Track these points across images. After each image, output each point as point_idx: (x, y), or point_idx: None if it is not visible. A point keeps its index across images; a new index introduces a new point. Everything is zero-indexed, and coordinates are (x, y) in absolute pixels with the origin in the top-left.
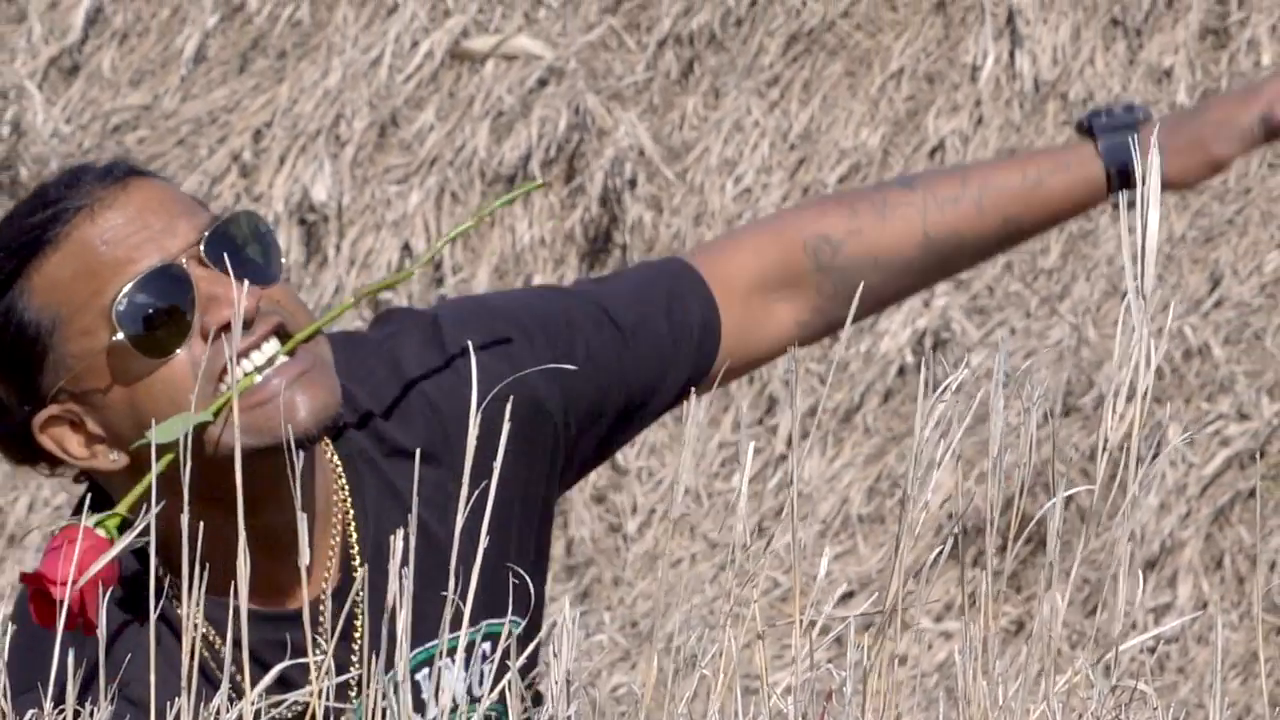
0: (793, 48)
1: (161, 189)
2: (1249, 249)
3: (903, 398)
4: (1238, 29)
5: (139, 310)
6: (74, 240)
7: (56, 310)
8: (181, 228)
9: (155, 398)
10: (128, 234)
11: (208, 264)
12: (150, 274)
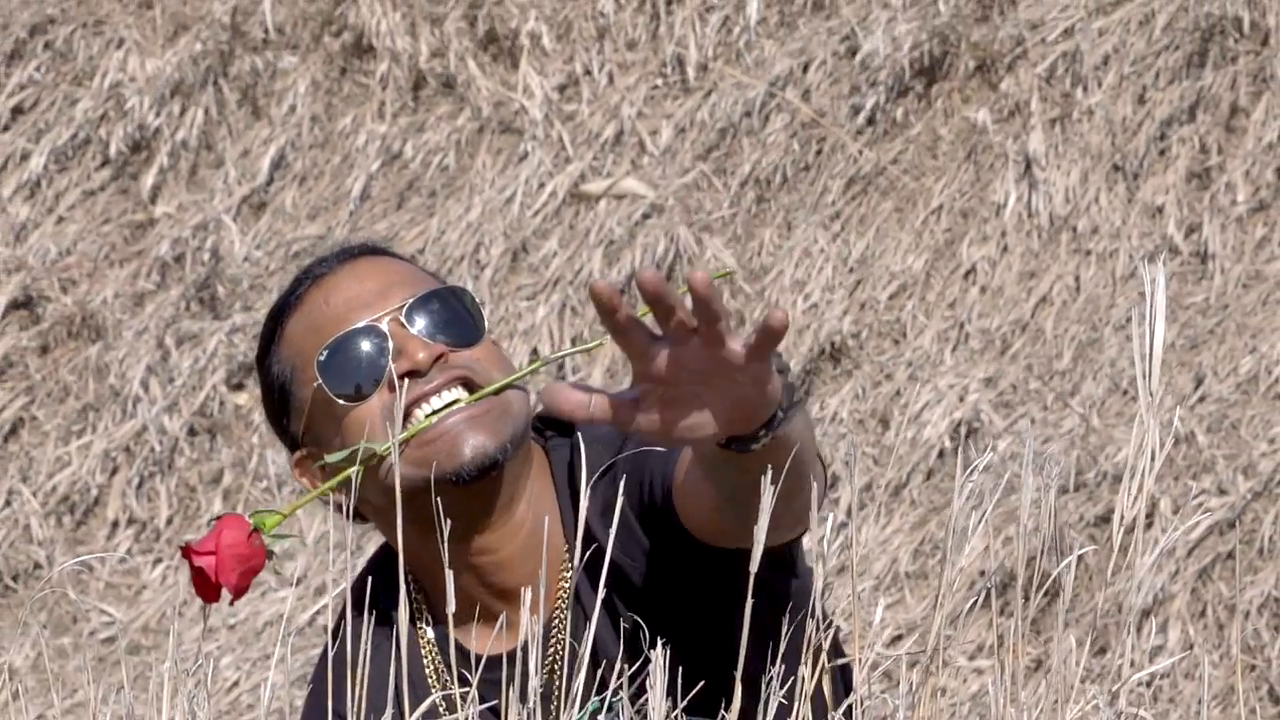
0: (851, 188)
1: (388, 264)
2: (1226, 354)
3: (942, 476)
4: (1217, 173)
5: (339, 361)
6: (307, 302)
7: (293, 362)
8: (394, 295)
9: (355, 438)
10: (347, 298)
11: (405, 325)
12: (353, 330)
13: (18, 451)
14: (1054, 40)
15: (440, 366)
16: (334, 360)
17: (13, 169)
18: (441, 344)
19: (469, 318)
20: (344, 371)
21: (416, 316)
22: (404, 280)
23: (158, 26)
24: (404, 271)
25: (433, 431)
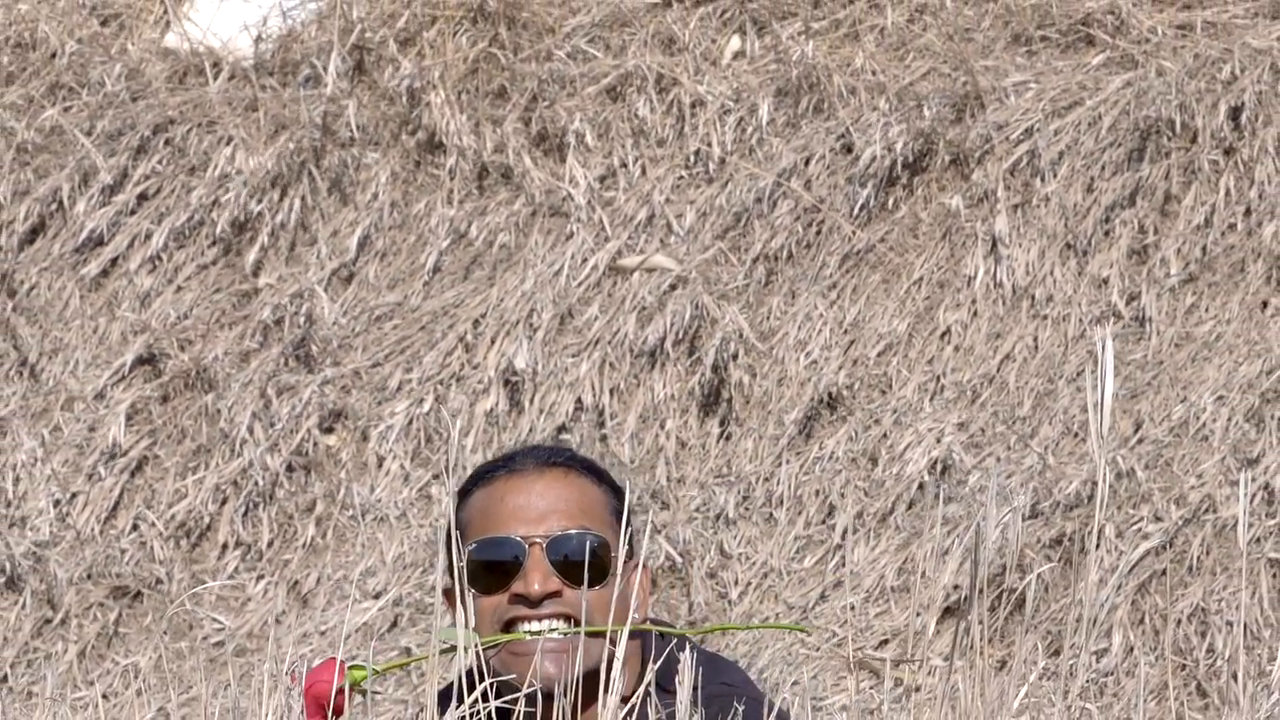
0: (845, 263)
1: (573, 483)
2: (1161, 403)
3: (921, 506)
4: (1154, 250)
5: (482, 558)
6: (494, 487)
7: (465, 526)
8: (550, 521)
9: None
10: (517, 503)
11: (543, 553)
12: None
13: (142, 484)
14: (1016, 139)
15: (553, 601)
16: (481, 553)
17: (138, 246)
18: (557, 583)
19: (594, 567)
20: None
21: (556, 549)
22: (567, 510)
23: (260, 126)
24: (575, 499)
25: (521, 646)
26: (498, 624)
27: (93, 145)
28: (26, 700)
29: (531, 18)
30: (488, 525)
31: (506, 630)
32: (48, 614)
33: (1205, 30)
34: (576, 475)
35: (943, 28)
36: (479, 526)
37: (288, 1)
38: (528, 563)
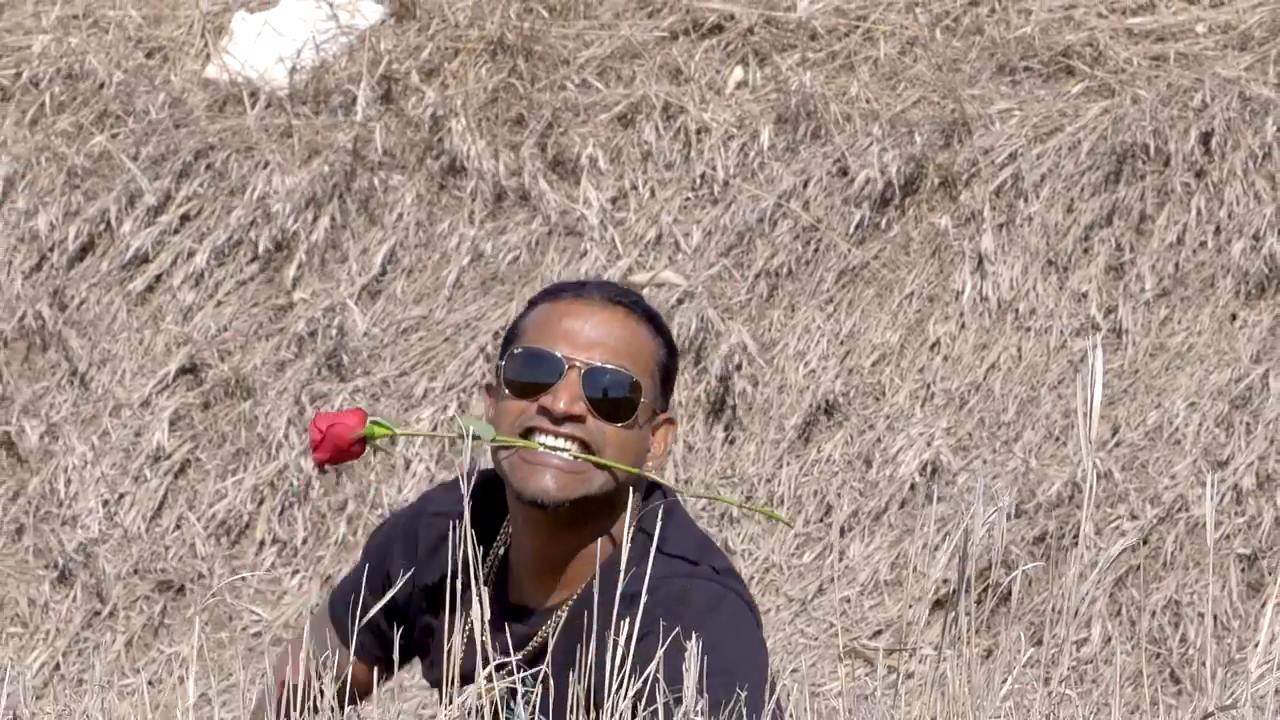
0: (841, 279)
1: (619, 323)
2: (1137, 409)
3: (913, 505)
4: (1130, 266)
5: (522, 363)
6: (557, 306)
7: (521, 332)
8: (597, 351)
9: (499, 415)
10: (573, 325)
11: (579, 377)
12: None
13: (185, 486)
14: (1001, 162)
15: (574, 424)
16: (522, 359)
17: (181, 263)
18: (582, 408)
19: (622, 405)
20: (520, 370)
21: (592, 378)
22: (614, 347)
23: (295, 152)
24: (628, 342)
25: (533, 456)
26: (517, 428)
27: (138, 169)
28: (77, 687)
29: (547, 50)
30: (539, 337)
31: (524, 437)
32: (97, 606)
33: (1178, 61)
34: (635, 319)
35: (932, 59)
36: (531, 336)
37: (320, 35)
38: (561, 382)
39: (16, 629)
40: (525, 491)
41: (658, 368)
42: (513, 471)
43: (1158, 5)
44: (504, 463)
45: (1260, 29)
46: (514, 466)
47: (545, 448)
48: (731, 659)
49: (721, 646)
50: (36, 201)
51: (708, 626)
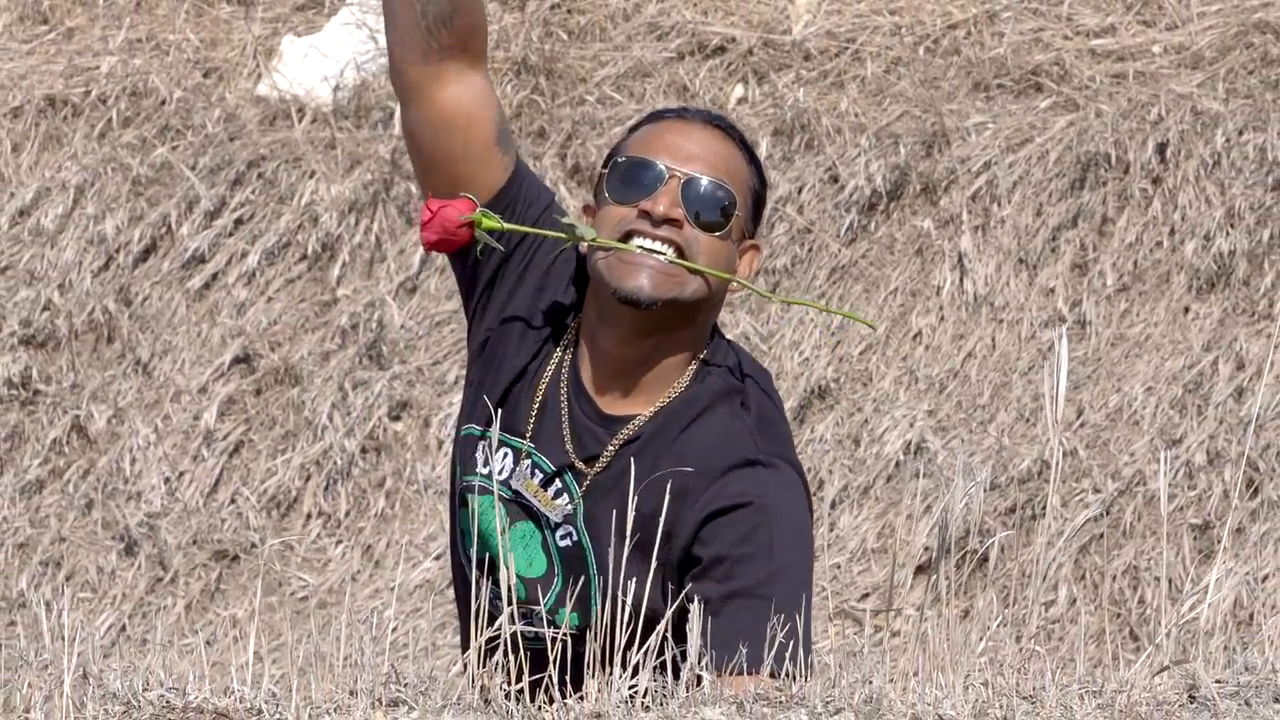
0: (833, 276)
1: (719, 143)
2: (1099, 393)
3: (898, 479)
4: (1093, 264)
5: (626, 170)
6: (661, 124)
7: (625, 147)
8: (697, 164)
9: (598, 220)
10: (676, 140)
11: (679, 184)
12: (647, 161)
13: (239, 465)
14: (977, 170)
15: (671, 228)
16: (627, 166)
17: (235, 263)
18: (681, 214)
19: (720, 216)
20: (624, 176)
21: (690, 188)
22: (712, 162)
23: (339, 162)
24: (720, 156)
25: (630, 257)
26: (618, 232)
27: (196, 178)
28: (141, 646)
29: (566, 69)
30: (643, 149)
31: (623, 240)
32: (159, 574)
33: (1136, 79)
34: (733, 143)
35: (915, 77)
36: (635, 149)
37: (361, 56)
38: (662, 188)
39: (86, 594)
40: (622, 289)
41: (749, 191)
42: (609, 271)
43: (1118, 28)
44: (600, 263)
45: (1210, 50)
46: (610, 266)
47: (643, 249)
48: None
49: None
50: (104, 208)
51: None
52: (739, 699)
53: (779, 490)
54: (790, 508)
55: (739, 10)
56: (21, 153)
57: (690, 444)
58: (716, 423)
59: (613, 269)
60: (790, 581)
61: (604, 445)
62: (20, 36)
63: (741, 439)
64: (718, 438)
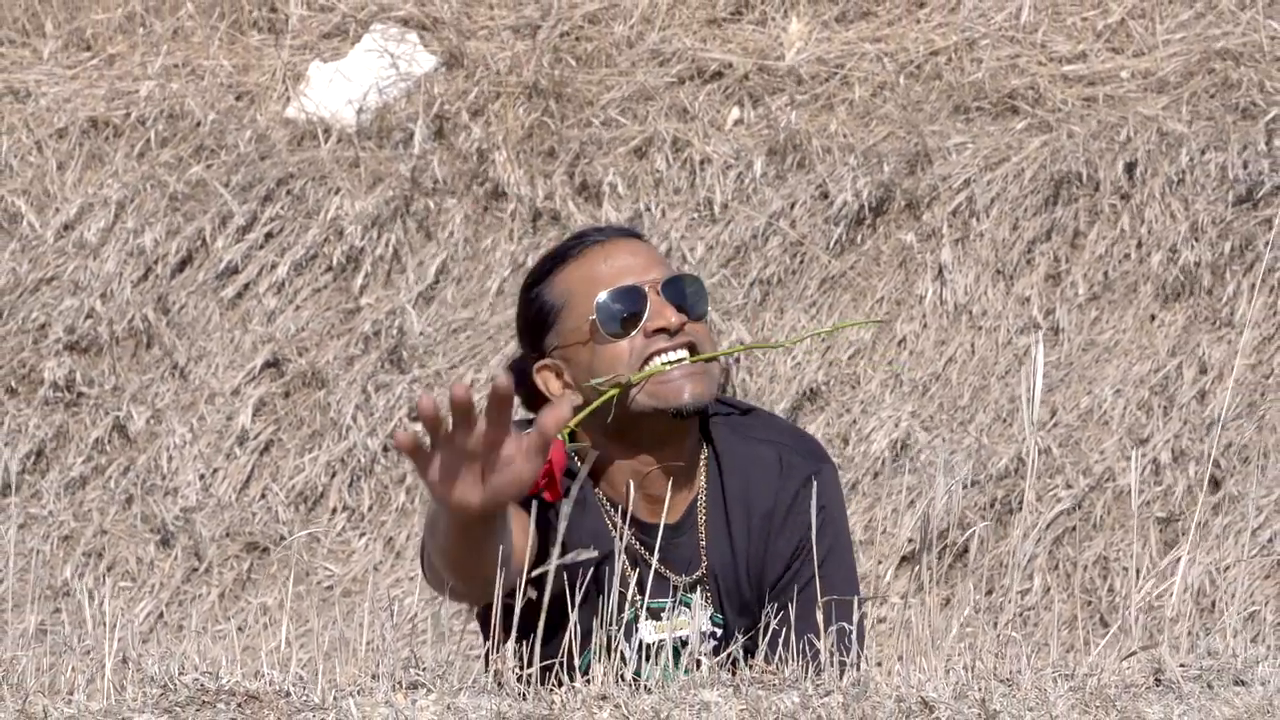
0: (823, 286)
1: (648, 247)
2: (1071, 395)
3: (884, 476)
4: (1065, 275)
5: (613, 308)
6: (589, 257)
7: (566, 298)
8: (654, 271)
9: (606, 365)
10: (621, 264)
11: (660, 295)
12: (626, 288)
13: (269, 462)
14: (958, 187)
15: (681, 334)
16: (609, 305)
17: (265, 274)
18: (683, 316)
19: (702, 301)
20: (613, 315)
21: (670, 291)
22: (660, 262)
23: (362, 179)
24: (658, 256)
25: (665, 376)
26: (637, 362)
27: (229, 195)
28: (178, 632)
29: (574, 93)
30: (600, 285)
31: (642, 368)
32: (194, 564)
33: (1106, 102)
34: (646, 241)
35: (899, 101)
36: (586, 292)
37: (383, 81)
38: (654, 303)
39: (126, 584)
40: (679, 405)
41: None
42: (656, 398)
43: (1089, 55)
44: (641, 397)
45: (1175, 75)
46: (654, 394)
47: (669, 365)
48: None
49: (845, 537)
50: (143, 222)
51: (841, 516)
52: (735, 682)
53: (832, 488)
54: (839, 501)
55: (735, 38)
56: (66, 171)
57: (751, 490)
58: (753, 462)
59: (658, 394)
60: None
61: (693, 552)
62: (65, 63)
63: (777, 458)
64: (764, 470)
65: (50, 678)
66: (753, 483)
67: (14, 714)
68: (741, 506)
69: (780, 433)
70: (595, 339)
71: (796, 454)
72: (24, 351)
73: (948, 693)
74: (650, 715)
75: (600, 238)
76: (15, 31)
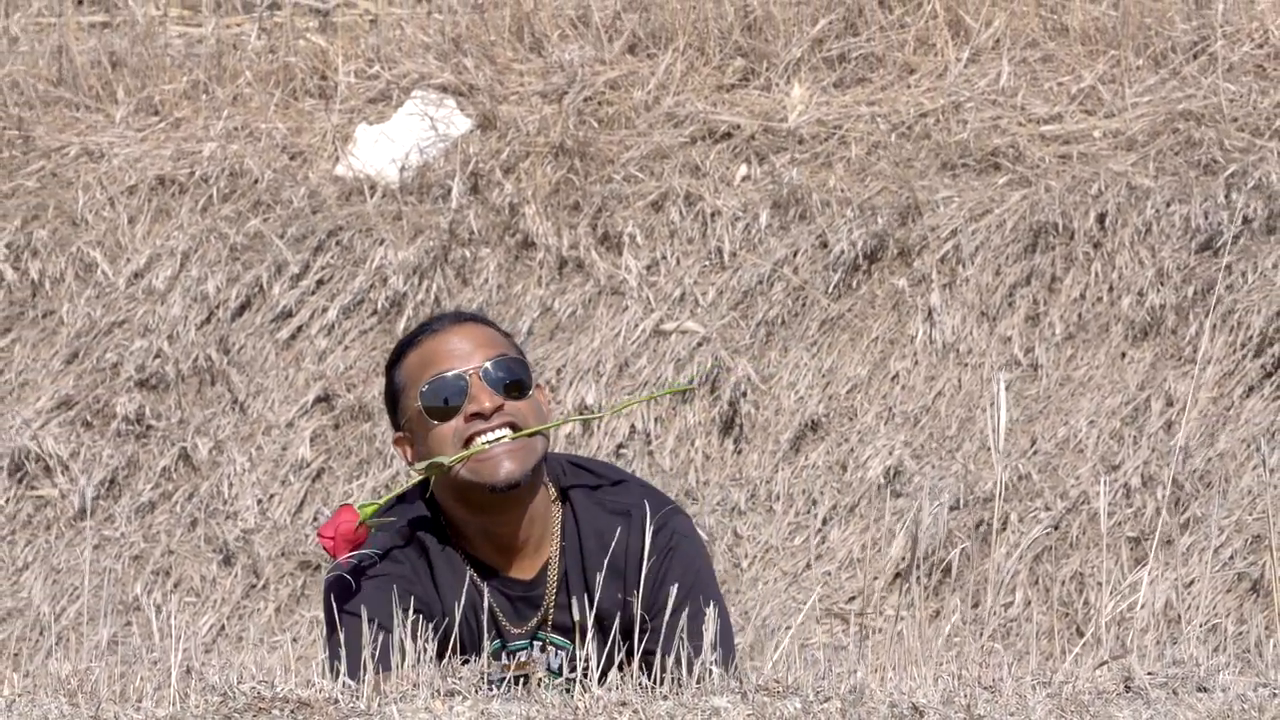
0: (823, 327)
1: (482, 331)
2: (1049, 425)
3: (878, 500)
4: (1044, 317)
5: (434, 394)
6: (424, 346)
7: (405, 380)
8: (478, 356)
9: (435, 444)
10: (448, 350)
11: (481, 379)
12: (446, 376)
13: (320, 488)
14: (945, 237)
15: (498, 413)
16: (432, 391)
17: (317, 317)
18: (500, 398)
19: (524, 380)
20: (437, 399)
21: (490, 374)
22: (488, 345)
23: (404, 231)
24: (490, 338)
25: (484, 455)
26: (458, 443)
27: (284, 245)
28: (237, 644)
29: (597, 152)
30: (428, 371)
31: (466, 446)
32: (253, 581)
33: (1080, 159)
34: (478, 324)
35: (891, 158)
36: (418, 378)
37: (423, 142)
38: (473, 388)
39: (190, 599)
40: (495, 481)
41: (518, 351)
42: (476, 475)
43: (1064, 116)
44: (462, 474)
45: (1142, 135)
46: (474, 470)
47: (489, 444)
48: (706, 580)
49: (701, 569)
50: (206, 270)
51: (694, 552)
52: (743, 689)
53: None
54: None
55: (743, 102)
56: (136, 224)
57: (604, 544)
58: (605, 522)
59: (478, 471)
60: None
61: (546, 604)
62: (135, 126)
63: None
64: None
65: (121, 686)
66: (605, 538)
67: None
68: (596, 560)
69: (640, 494)
70: (423, 423)
71: (649, 509)
72: (99, 388)
73: (936, 698)
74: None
75: (438, 326)
76: (91, 98)
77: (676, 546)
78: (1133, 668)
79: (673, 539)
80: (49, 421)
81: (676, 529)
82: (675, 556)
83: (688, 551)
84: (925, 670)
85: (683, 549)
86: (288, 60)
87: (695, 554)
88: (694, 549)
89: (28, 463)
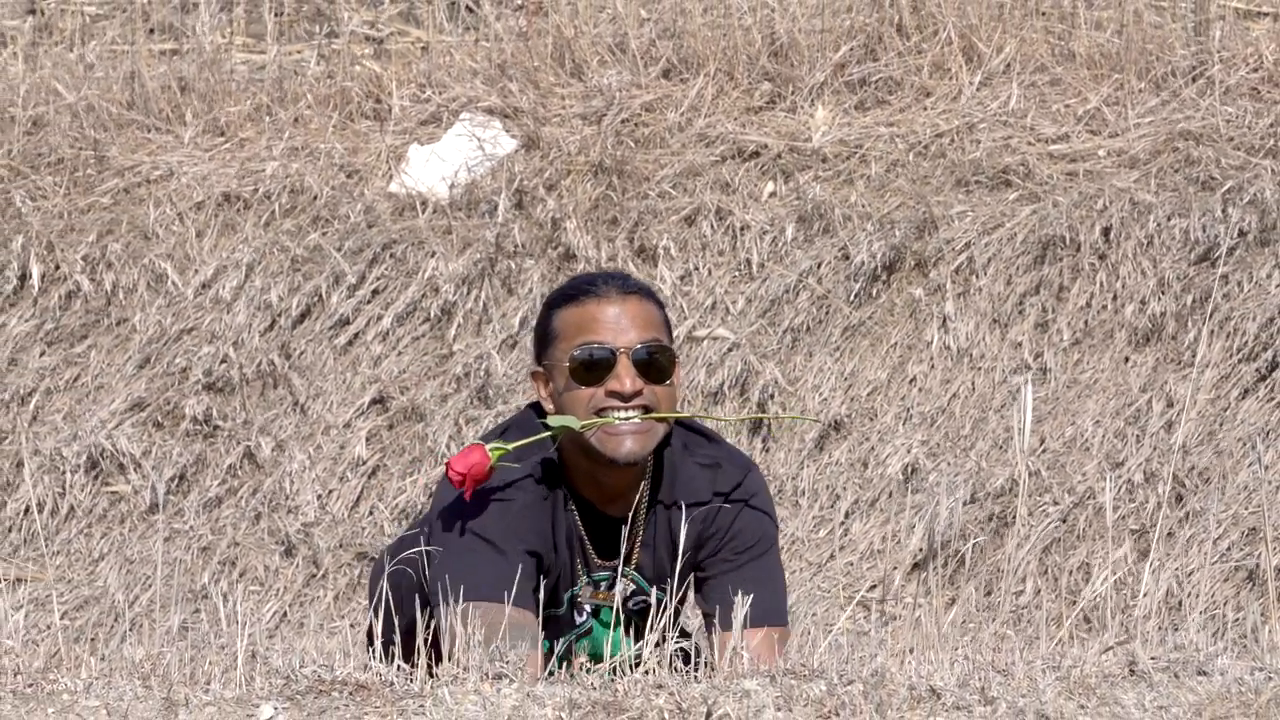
0: (845, 334)
1: (645, 307)
2: (1057, 426)
3: (898, 495)
4: (1052, 323)
5: (582, 361)
6: (586, 306)
7: (559, 332)
8: (633, 334)
9: (569, 401)
10: (608, 319)
11: (629, 358)
12: (600, 346)
13: (376, 485)
14: (960, 249)
15: (636, 396)
16: (582, 357)
17: (372, 325)
18: (641, 382)
19: (667, 369)
20: (583, 366)
21: (639, 356)
22: (644, 326)
23: (454, 244)
24: (648, 319)
25: (611, 429)
26: (592, 410)
27: (341, 258)
28: (298, 630)
29: (634, 170)
30: (584, 334)
31: (597, 415)
32: (313, 571)
33: (1086, 176)
34: (647, 300)
35: (909, 175)
36: (573, 335)
37: (471, 160)
38: (619, 366)
39: (255, 587)
40: (619, 457)
41: (668, 326)
42: (601, 444)
43: (1071, 136)
44: (590, 439)
45: (1144, 154)
46: (600, 440)
47: (620, 419)
48: (772, 538)
49: (770, 530)
50: (269, 281)
51: (769, 512)
52: (771, 672)
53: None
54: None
55: (770, 123)
56: (204, 238)
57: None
58: (691, 471)
59: (603, 443)
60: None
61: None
62: (203, 146)
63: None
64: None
65: (191, 669)
66: (694, 484)
67: (160, 701)
68: (678, 506)
69: (729, 452)
70: (566, 380)
71: (737, 465)
72: (169, 391)
73: (953, 681)
74: (699, 701)
75: (604, 291)
76: (161, 120)
77: (756, 500)
78: (1137, 652)
79: (754, 498)
80: (123, 422)
81: (758, 490)
82: (751, 514)
83: (764, 509)
84: (942, 655)
85: (761, 504)
86: (345, 85)
87: (769, 516)
88: (769, 510)
89: (103, 461)
